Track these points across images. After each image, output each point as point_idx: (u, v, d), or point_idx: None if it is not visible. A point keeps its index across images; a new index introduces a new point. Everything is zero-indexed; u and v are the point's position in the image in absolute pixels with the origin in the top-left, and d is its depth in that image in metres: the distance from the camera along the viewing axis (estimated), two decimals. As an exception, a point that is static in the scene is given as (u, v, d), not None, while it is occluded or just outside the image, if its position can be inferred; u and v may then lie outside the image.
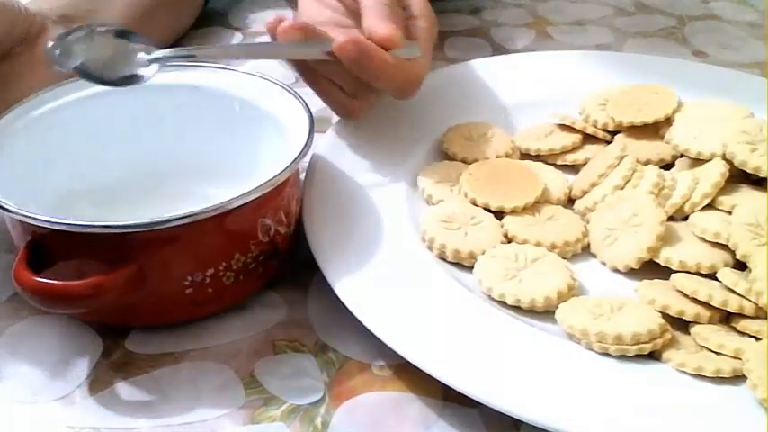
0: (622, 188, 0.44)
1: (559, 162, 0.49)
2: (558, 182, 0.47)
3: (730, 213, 0.42)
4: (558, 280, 0.40)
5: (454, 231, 0.43)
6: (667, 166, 0.47)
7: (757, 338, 0.37)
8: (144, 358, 0.38)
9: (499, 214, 0.44)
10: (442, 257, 0.42)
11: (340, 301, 0.38)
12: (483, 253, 0.41)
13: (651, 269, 0.41)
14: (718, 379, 0.35)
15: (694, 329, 0.37)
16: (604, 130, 0.50)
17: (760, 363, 0.35)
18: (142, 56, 0.41)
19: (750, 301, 0.37)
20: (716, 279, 0.39)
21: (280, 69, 0.61)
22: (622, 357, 0.36)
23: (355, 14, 0.47)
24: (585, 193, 0.46)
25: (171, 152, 0.46)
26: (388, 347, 0.36)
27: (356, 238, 0.42)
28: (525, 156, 0.50)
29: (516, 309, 0.39)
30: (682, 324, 0.38)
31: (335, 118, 0.56)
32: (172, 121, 0.46)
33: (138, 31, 0.42)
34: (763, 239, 0.39)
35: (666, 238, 0.41)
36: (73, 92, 0.44)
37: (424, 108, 0.54)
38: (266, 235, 0.39)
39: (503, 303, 0.39)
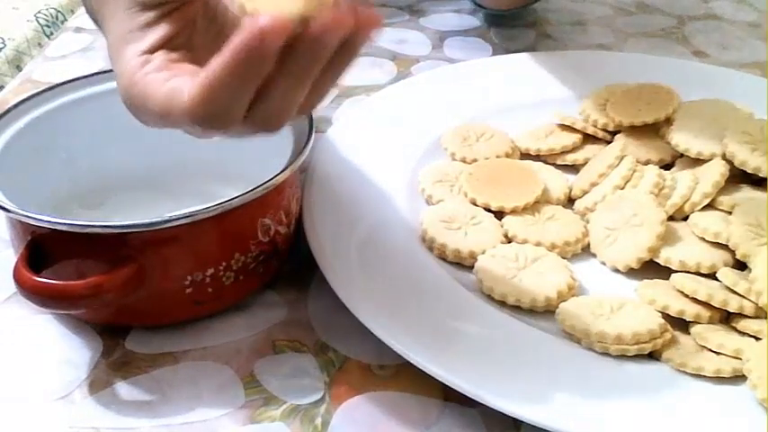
0: (622, 188, 0.44)
1: (559, 162, 0.49)
2: (558, 182, 0.47)
3: (730, 213, 0.42)
4: (558, 280, 0.40)
5: (454, 231, 0.43)
6: (667, 166, 0.47)
7: (757, 338, 0.37)
8: (144, 358, 0.38)
9: (499, 214, 0.44)
10: (442, 257, 0.42)
11: (340, 301, 0.38)
12: (483, 253, 0.41)
13: (651, 269, 0.41)
14: (718, 379, 0.35)
15: (694, 329, 0.37)
16: (604, 130, 0.50)
17: (760, 363, 0.35)
18: None
19: (750, 301, 0.37)
20: (716, 279, 0.39)
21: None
22: (622, 357, 0.36)
23: None
24: (585, 192, 0.46)
25: (170, 152, 0.46)
26: (388, 347, 0.36)
27: (356, 238, 0.42)
28: (525, 156, 0.50)
29: (516, 309, 0.39)
30: (682, 324, 0.38)
31: (335, 118, 0.56)
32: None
33: None
34: (763, 239, 0.39)
35: (666, 238, 0.41)
36: (73, 91, 0.44)
37: (424, 108, 0.54)
38: (266, 235, 0.39)
39: (503, 303, 0.39)
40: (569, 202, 0.47)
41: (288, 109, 0.29)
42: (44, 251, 0.36)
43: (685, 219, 0.43)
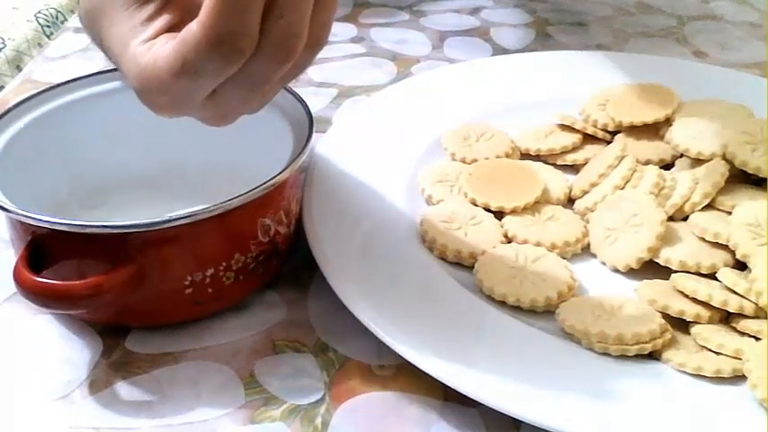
0: (622, 188, 0.44)
1: (559, 162, 0.49)
2: (558, 182, 0.47)
3: (730, 213, 0.42)
4: (558, 280, 0.40)
5: (454, 231, 0.43)
6: (667, 166, 0.47)
7: (757, 338, 0.37)
8: (144, 358, 0.38)
9: (499, 214, 0.44)
10: (443, 257, 0.42)
11: (340, 301, 0.38)
12: (483, 253, 0.41)
13: (651, 269, 0.41)
14: (718, 379, 0.35)
15: (694, 329, 0.37)
16: (604, 130, 0.50)
17: (760, 363, 0.35)
18: None
19: (750, 301, 0.37)
20: (716, 279, 0.39)
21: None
22: (622, 357, 0.36)
23: None
24: (585, 193, 0.46)
25: (170, 152, 0.46)
26: (388, 347, 0.36)
27: (356, 238, 0.42)
28: (525, 156, 0.50)
29: (516, 309, 0.39)
30: (682, 324, 0.38)
31: (336, 118, 0.56)
32: (171, 121, 0.46)
33: None
34: (763, 239, 0.39)
35: (666, 238, 0.41)
36: (73, 91, 0.44)
37: (423, 108, 0.54)
38: (266, 235, 0.39)
39: (503, 303, 0.39)
40: (569, 202, 0.47)
41: (299, 25, 0.29)
42: (44, 251, 0.36)
43: (685, 219, 0.43)
